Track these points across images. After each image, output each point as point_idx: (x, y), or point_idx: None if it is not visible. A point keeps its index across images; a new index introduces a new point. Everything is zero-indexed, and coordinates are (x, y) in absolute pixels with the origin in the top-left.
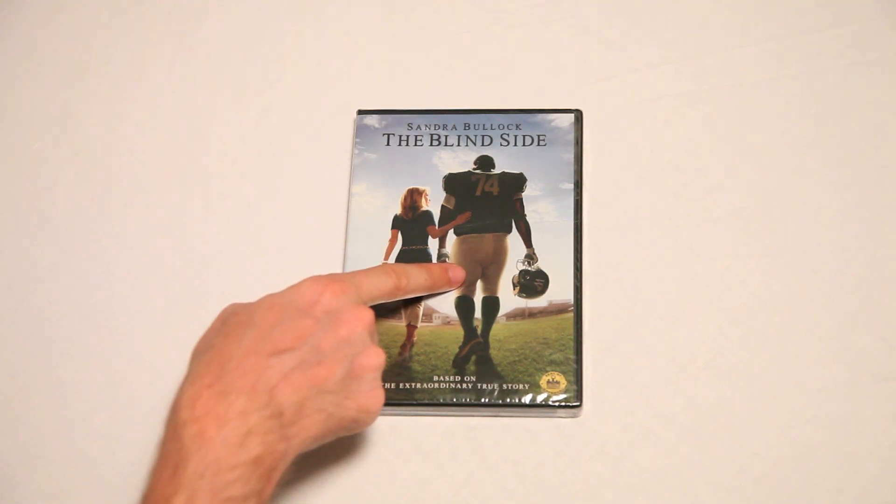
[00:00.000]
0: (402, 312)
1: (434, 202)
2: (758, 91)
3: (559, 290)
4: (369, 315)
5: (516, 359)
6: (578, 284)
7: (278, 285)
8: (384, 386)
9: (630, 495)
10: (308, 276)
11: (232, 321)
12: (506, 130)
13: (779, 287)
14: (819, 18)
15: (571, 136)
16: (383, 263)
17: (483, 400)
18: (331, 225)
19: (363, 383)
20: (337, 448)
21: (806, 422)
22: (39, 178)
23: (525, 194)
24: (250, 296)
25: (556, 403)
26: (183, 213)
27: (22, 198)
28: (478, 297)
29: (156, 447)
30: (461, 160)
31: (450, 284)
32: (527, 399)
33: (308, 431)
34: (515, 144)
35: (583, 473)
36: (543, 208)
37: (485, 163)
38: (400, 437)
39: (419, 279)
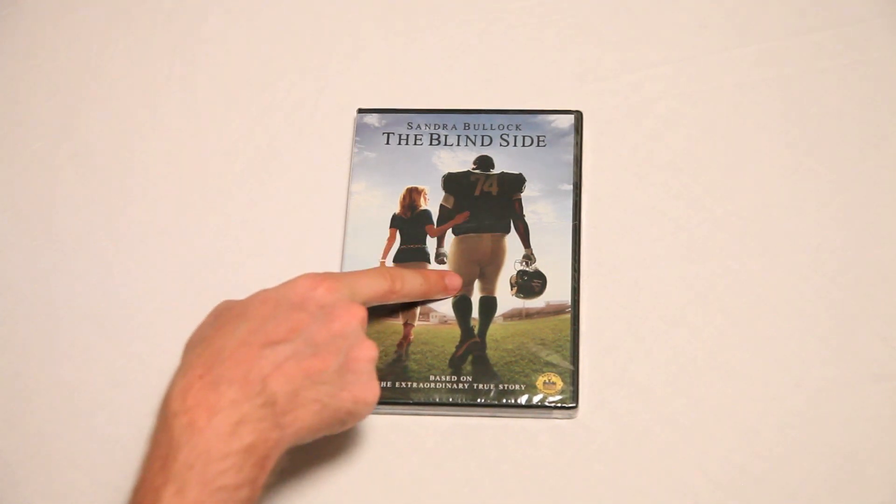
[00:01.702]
0: (400, 311)
1: (433, 201)
2: (758, 91)
3: (557, 291)
4: (362, 312)
5: (513, 359)
6: (576, 285)
7: (277, 284)
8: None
9: (630, 495)
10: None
11: (225, 315)
12: (505, 131)
13: (779, 287)
14: (819, 18)
15: (571, 138)
16: (380, 266)
17: (479, 400)
18: (330, 223)
19: (358, 375)
20: (335, 446)
21: (806, 422)
22: (39, 178)
23: (524, 195)
24: (249, 294)
25: (552, 404)
26: (183, 212)
27: (22, 198)
28: (475, 297)
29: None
30: (460, 160)
31: (445, 292)
32: (523, 400)
33: (302, 422)
34: (515, 145)
35: (582, 474)
36: (542, 209)
37: (484, 163)
38: (398, 436)
39: (414, 284)
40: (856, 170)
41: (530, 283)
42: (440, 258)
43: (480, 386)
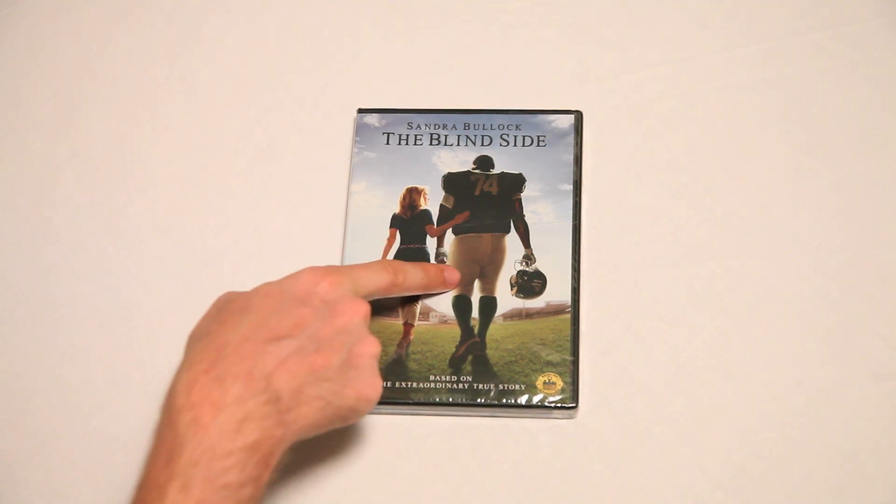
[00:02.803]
0: (400, 310)
1: (433, 201)
2: (758, 91)
3: (557, 291)
4: (365, 307)
5: (513, 359)
6: (576, 285)
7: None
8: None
9: (630, 495)
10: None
11: (228, 308)
12: (505, 131)
13: (779, 287)
14: (819, 18)
15: (571, 137)
16: (382, 259)
17: (479, 400)
18: (330, 223)
19: (361, 371)
20: (335, 446)
21: (806, 422)
22: (39, 178)
23: (524, 195)
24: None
25: (552, 404)
26: (183, 212)
27: (22, 198)
28: (475, 297)
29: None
30: (460, 160)
31: (444, 286)
32: (523, 400)
33: (306, 419)
34: (515, 145)
35: (582, 474)
36: (542, 209)
37: (484, 163)
38: (399, 436)
39: (416, 277)
40: (856, 170)
41: (530, 283)
42: (440, 258)
43: (480, 386)
